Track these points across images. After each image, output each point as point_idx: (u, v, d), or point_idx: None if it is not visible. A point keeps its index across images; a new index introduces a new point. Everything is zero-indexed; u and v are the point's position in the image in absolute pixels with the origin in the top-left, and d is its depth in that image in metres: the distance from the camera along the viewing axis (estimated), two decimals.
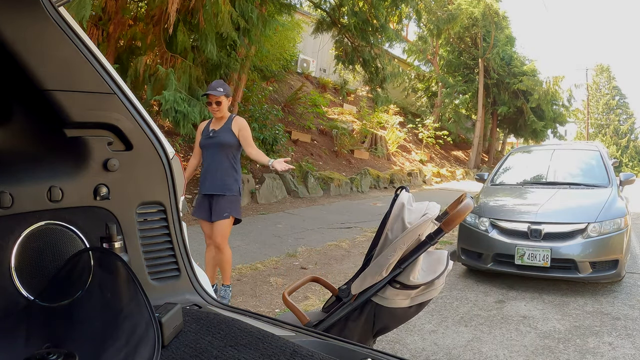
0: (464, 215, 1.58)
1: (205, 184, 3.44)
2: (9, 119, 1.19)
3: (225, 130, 3.42)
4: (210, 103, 3.40)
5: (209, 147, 3.43)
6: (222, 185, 3.39)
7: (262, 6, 7.80)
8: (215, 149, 3.41)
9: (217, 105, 3.39)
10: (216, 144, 3.40)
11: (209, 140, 3.43)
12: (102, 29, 6.99)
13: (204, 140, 3.45)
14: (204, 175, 3.45)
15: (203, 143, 3.45)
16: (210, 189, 3.41)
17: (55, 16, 1.09)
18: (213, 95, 3.37)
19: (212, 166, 3.41)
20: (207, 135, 3.44)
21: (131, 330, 0.96)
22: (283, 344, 0.97)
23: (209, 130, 3.46)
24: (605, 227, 4.06)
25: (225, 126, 3.43)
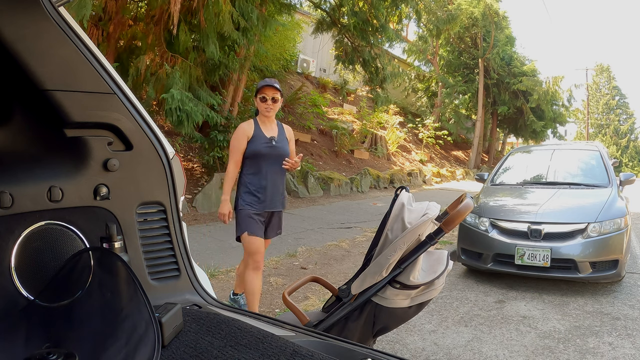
0: (464, 215, 1.58)
1: (266, 199, 2.92)
2: (9, 119, 1.19)
3: (284, 139, 3.01)
4: (265, 99, 2.90)
5: (271, 157, 2.91)
6: (282, 201, 3.04)
7: (262, 6, 7.80)
8: (277, 159, 2.92)
9: (273, 103, 2.90)
10: (279, 155, 2.92)
11: (271, 149, 2.91)
12: (102, 29, 6.98)
13: (264, 148, 2.89)
14: (263, 189, 2.92)
15: (264, 151, 2.89)
16: (272, 205, 2.96)
17: (55, 16, 1.09)
18: (271, 89, 2.89)
19: (275, 179, 2.95)
20: (268, 143, 2.91)
21: (131, 330, 0.96)
22: (283, 344, 0.97)
23: (265, 136, 2.93)
24: (605, 227, 4.06)
25: (282, 134, 3.01)
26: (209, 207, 7.61)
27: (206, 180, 8.14)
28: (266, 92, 2.90)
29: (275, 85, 2.89)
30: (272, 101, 2.91)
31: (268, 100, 2.90)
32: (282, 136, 3.00)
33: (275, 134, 2.97)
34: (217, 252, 5.08)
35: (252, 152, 2.89)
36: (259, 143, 2.90)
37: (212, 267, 4.37)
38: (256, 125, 2.95)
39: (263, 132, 2.93)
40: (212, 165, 8.36)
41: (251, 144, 2.90)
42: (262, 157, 2.90)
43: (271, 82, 2.93)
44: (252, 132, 2.92)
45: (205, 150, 8.46)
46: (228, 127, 8.40)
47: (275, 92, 2.90)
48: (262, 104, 2.92)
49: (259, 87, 2.95)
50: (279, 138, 2.97)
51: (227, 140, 8.19)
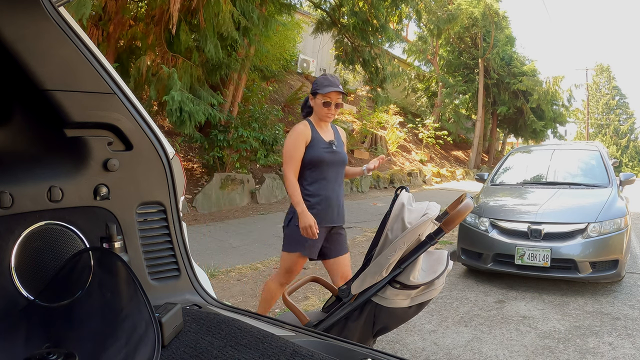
0: (464, 215, 1.58)
1: (327, 213, 2.53)
2: (9, 119, 1.19)
3: (341, 143, 2.65)
4: (329, 104, 2.49)
5: (334, 164, 2.54)
6: (343, 214, 2.65)
7: (262, 6, 7.80)
8: (339, 167, 2.58)
9: (336, 109, 2.53)
10: (340, 161, 2.58)
11: (332, 154, 2.53)
12: (102, 29, 6.98)
13: (327, 155, 2.51)
14: (324, 201, 2.52)
15: (328, 158, 2.51)
16: (333, 219, 2.57)
17: (55, 16, 1.09)
18: (337, 94, 2.51)
19: (337, 189, 2.58)
20: (328, 148, 2.53)
21: (131, 330, 0.96)
22: (283, 344, 0.97)
23: (324, 140, 2.54)
24: (605, 227, 4.06)
25: (339, 138, 2.65)
26: (209, 207, 7.61)
27: (206, 180, 8.14)
28: (331, 96, 2.48)
29: (341, 90, 2.51)
30: (336, 107, 2.53)
31: (332, 106, 2.50)
32: (340, 140, 2.64)
33: (333, 138, 2.59)
34: (217, 252, 5.08)
35: (312, 158, 2.47)
36: (319, 148, 2.49)
37: (212, 267, 4.37)
38: (312, 128, 2.54)
39: (321, 135, 2.54)
40: (212, 165, 8.36)
41: (310, 149, 2.48)
42: (323, 165, 2.49)
43: (337, 83, 2.52)
44: (310, 136, 2.50)
45: (205, 150, 8.46)
46: (228, 126, 8.40)
47: (339, 96, 2.52)
48: (324, 109, 2.49)
49: (323, 89, 2.49)
50: (339, 143, 2.61)
51: (227, 140, 8.19)
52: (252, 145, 8.48)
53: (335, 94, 2.50)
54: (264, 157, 9.02)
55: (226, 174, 8.19)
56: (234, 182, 8.26)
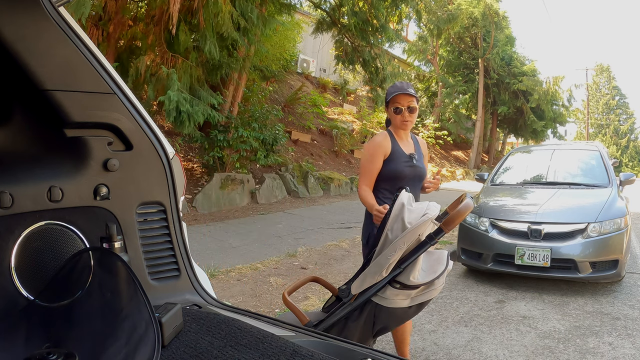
0: (464, 215, 1.58)
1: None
2: (9, 119, 1.19)
3: (422, 156, 2.46)
4: (400, 110, 2.31)
5: (413, 179, 2.35)
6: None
7: (262, 6, 7.80)
8: (418, 181, 2.39)
9: (410, 113, 2.32)
10: (420, 176, 2.40)
11: (412, 169, 2.34)
12: (102, 29, 6.99)
13: (408, 169, 2.33)
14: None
15: (408, 172, 2.33)
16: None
17: (55, 16, 1.09)
18: (405, 96, 2.30)
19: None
20: (408, 161, 2.34)
21: (131, 330, 0.96)
22: (283, 344, 0.97)
23: (404, 153, 2.35)
24: (605, 227, 4.06)
25: (419, 150, 2.46)
26: (209, 207, 7.61)
27: (206, 180, 8.14)
28: (400, 101, 2.30)
29: (409, 92, 2.30)
30: (409, 111, 2.32)
31: (404, 112, 2.31)
32: (420, 152, 2.45)
33: (413, 150, 2.41)
34: (217, 252, 5.08)
35: (391, 173, 2.30)
36: (400, 162, 2.31)
37: (212, 267, 4.37)
38: (392, 139, 2.35)
39: (401, 147, 2.36)
40: (212, 165, 8.36)
41: (390, 162, 2.31)
42: (402, 179, 2.29)
43: (404, 87, 2.32)
44: (390, 148, 2.32)
45: (205, 150, 8.46)
46: (228, 126, 8.40)
47: (410, 99, 2.30)
48: (397, 117, 2.32)
49: (389, 96, 2.35)
50: (417, 154, 2.41)
51: (227, 140, 8.19)
52: (252, 145, 8.48)
53: (404, 98, 2.29)
54: (264, 157, 9.02)
55: (226, 174, 8.19)
56: (234, 182, 8.26)
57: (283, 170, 9.78)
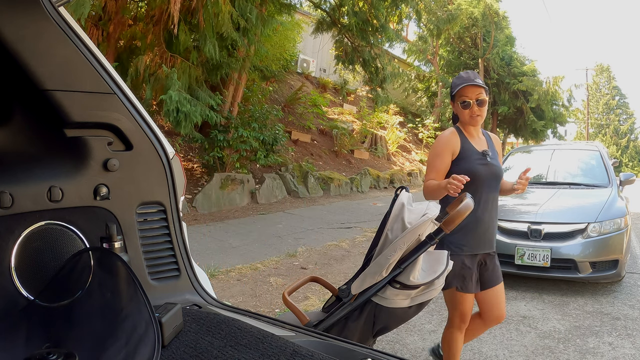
0: (464, 215, 1.58)
1: (482, 237, 2.15)
2: (9, 119, 1.19)
3: (495, 153, 2.23)
4: (468, 103, 2.09)
5: (488, 179, 2.13)
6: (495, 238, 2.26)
7: (262, 6, 7.81)
8: (493, 182, 2.17)
9: (479, 107, 2.10)
10: (496, 176, 2.17)
11: (487, 167, 2.12)
12: (102, 29, 6.99)
13: (481, 167, 2.11)
14: (479, 223, 2.12)
15: (482, 171, 2.10)
16: (488, 244, 2.18)
17: (55, 16, 1.09)
18: (472, 88, 2.08)
19: (492, 209, 2.18)
20: (481, 159, 2.13)
21: (131, 330, 0.96)
22: (283, 344, 0.97)
23: (476, 150, 2.14)
24: (605, 227, 4.06)
25: (492, 146, 2.25)
26: (209, 207, 7.61)
27: (206, 180, 8.14)
28: (467, 94, 2.08)
29: (477, 82, 2.07)
30: (479, 105, 2.09)
31: (473, 105, 2.09)
32: (493, 149, 2.23)
33: (486, 146, 2.19)
34: (217, 252, 5.08)
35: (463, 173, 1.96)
36: (472, 160, 2.10)
37: (212, 267, 4.37)
38: (462, 136, 2.15)
39: (472, 144, 2.15)
40: (212, 165, 8.36)
41: (461, 161, 2.10)
42: (477, 179, 2.06)
43: (471, 78, 2.10)
44: (460, 146, 2.12)
45: (205, 150, 8.46)
46: (228, 127, 8.40)
47: (478, 91, 2.08)
48: (465, 112, 2.11)
49: (455, 89, 2.13)
50: (491, 152, 2.18)
51: (227, 140, 8.19)
52: (252, 145, 8.49)
53: (471, 90, 2.06)
54: (264, 157, 9.02)
55: (226, 174, 8.19)
56: (234, 182, 8.26)
57: (283, 170, 9.78)
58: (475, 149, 2.14)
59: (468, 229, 2.09)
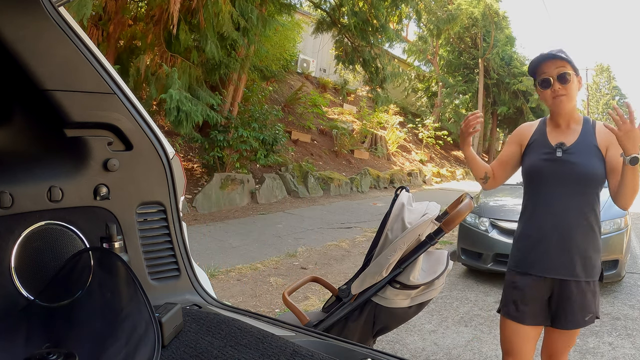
0: (464, 215, 1.58)
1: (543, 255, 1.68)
2: (9, 119, 1.19)
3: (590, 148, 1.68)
4: (547, 81, 1.68)
5: (558, 179, 1.68)
6: (584, 264, 1.65)
7: (262, 6, 7.81)
8: (569, 185, 1.67)
9: (562, 84, 1.66)
10: (569, 176, 1.67)
11: (552, 164, 1.69)
12: (102, 29, 6.99)
13: (545, 164, 1.71)
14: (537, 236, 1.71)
15: (545, 169, 1.70)
16: (555, 266, 1.66)
17: (55, 16, 1.09)
18: (552, 62, 1.67)
19: (563, 220, 1.66)
20: (550, 153, 1.71)
21: (131, 330, 0.96)
22: (283, 344, 0.97)
23: (547, 143, 1.73)
24: (605, 227, 4.06)
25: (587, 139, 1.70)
26: (209, 207, 7.61)
27: (206, 180, 8.14)
28: (545, 69, 1.67)
29: (559, 56, 1.65)
30: (560, 81, 1.64)
31: (554, 82, 1.66)
32: (587, 142, 1.68)
33: (570, 138, 1.70)
34: (217, 252, 5.08)
35: (525, 169, 1.77)
36: (536, 154, 1.73)
37: (212, 267, 4.37)
38: (541, 127, 1.79)
39: (547, 136, 1.73)
40: (212, 165, 8.36)
41: (526, 155, 1.77)
42: (538, 178, 1.72)
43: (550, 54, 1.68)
44: (530, 137, 1.78)
45: (205, 150, 8.47)
46: (228, 126, 8.40)
47: (560, 64, 1.64)
48: (546, 92, 1.69)
49: (532, 68, 1.73)
50: (576, 145, 1.68)
51: (227, 140, 8.20)
52: (252, 145, 8.49)
53: (550, 64, 1.65)
54: (264, 157, 9.02)
55: (226, 174, 8.19)
56: (234, 182, 8.26)
57: (283, 170, 9.78)
58: (548, 141, 1.72)
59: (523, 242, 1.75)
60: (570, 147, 1.69)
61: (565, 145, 1.70)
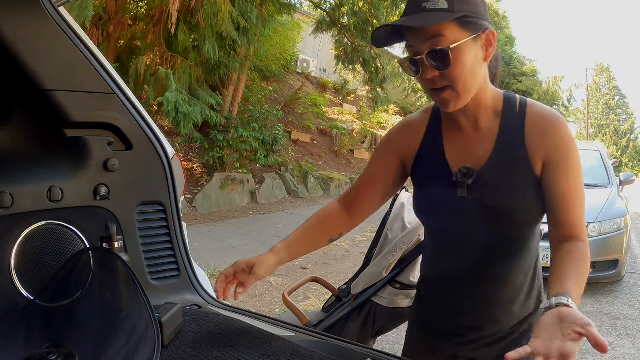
0: None
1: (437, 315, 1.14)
2: (9, 119, 1.19)
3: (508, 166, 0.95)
4: (415, 64, 0.89)
5: (455, 215, 1.00)
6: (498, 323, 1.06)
7: (262, 6, 7.81)
8: (473, 223, 0.97)
9: (438, 68, 0.86)
10: (477, 213, 0.96)
11: (458, 212, 0.99)
12: (102, 29, 6.99)
13: (441, 209, 1.04)
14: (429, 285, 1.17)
15: (445, 221, 1.04)
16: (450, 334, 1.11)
17: (55, 16, 1.09)
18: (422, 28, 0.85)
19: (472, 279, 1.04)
20: (449, 189, 0.99)
21: (131, 330, 0.96)
22: (283, 344, 0.97)
23: (446, 164, 1.01)
24: (605, 227, 4.06)
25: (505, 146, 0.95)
26: (209, 207, 7.61)
27: (206, 180, 8.14)
28: (411, 40, 0.89)
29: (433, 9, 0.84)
30: (436, 63, 0.86)
31: (424, 66, 0.88)
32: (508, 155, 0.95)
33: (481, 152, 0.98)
34: (217, 252, 5.08)
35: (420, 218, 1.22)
36: (426, 191, 1.10)
37: (212, 267, 4.37)
38: (434, 126, 1.07)
39: (444, 150, 1.03)
40: (212, 165, 8.36)
41: (415, 185, 1.16)
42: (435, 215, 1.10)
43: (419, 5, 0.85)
44: (419, 146, 1.08)
45: (205, 150, 8.47)
46: (228, 127, 8.40)
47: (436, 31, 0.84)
48: (420, 80, 0.94)
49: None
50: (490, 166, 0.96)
51: (227, 140, 8.20)
52: (252, 145, 8.49)
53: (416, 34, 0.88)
54: (264, 157, 9.03)
55: (226, 174, 8.20)
56: (234, 182, 8.26)
57: (283, 170, 9.78)
58: (446, 162, 1.03)
59: (421, 292, 1.20)
60: (482, 170, 0.96)
61: (473, 171, 0.97)
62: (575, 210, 0.95)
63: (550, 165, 0.93)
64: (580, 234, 0.97)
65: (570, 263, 0.91)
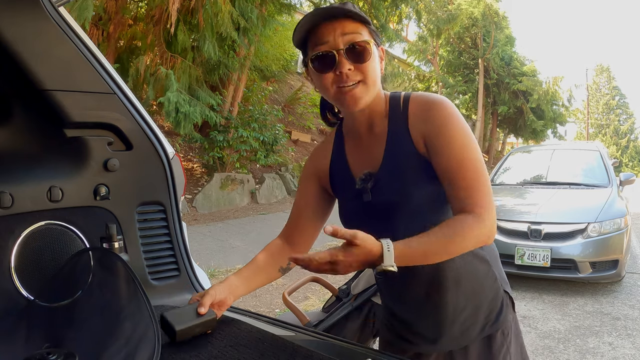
0: None
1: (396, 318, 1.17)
2: (9, 119, 1.19)
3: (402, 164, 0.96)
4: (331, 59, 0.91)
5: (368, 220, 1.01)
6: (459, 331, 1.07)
7: (262, 6, 7.81)
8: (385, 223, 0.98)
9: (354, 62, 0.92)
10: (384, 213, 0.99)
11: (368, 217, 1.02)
12: (102, 29, 6.99)
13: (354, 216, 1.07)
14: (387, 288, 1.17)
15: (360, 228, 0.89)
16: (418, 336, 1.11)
17: (55, 16, 1.09)
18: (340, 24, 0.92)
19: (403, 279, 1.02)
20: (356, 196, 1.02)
21: (131, 330, 0.96)
22: (283, 344, 0.97)
23: (349, 173, 1.06)
24: (605, 227, 4.06)
25: (395, 147, 0.97)
26: (209, 207, 7.61)
27: (206, 180, 8.14)
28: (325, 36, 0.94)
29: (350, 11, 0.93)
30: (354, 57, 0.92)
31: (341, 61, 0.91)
32: (399, 154, 0.97)
33: (376, 155, 1.00)
34: (217, 252, 5.08)
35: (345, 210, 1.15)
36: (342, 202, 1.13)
37: (212, 267, 4.37)
38: (338, 135, 1.12)
39: (347, 158, 1.08)
40: (212, 165, 8.36)
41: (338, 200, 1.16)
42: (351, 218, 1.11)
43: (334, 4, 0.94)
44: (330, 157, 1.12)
45: (205, 150, 8.47)
46: (228, 127, 8.40)
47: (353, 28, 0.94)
48: (324, 78, 0.94)
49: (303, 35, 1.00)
50: (385, 168, 0.99)
51: (227, 140, 8.20)
52: (252, 145, 8.49)
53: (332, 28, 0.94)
54: (263, 157, 9.03)
55: (226, 174, 8.20)
56: (234, 182, 8.26)
57: (283, 170, 9.78)
58: (349, 170, 1.07)
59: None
60: (379, 173, 0.99)
61: (372, 175, 0.99)
62: (463, 182, 0.90)
63: (432, 142, 0.93)
64: (470, 206, 0.89)
65: (431, 231, 0.87)
